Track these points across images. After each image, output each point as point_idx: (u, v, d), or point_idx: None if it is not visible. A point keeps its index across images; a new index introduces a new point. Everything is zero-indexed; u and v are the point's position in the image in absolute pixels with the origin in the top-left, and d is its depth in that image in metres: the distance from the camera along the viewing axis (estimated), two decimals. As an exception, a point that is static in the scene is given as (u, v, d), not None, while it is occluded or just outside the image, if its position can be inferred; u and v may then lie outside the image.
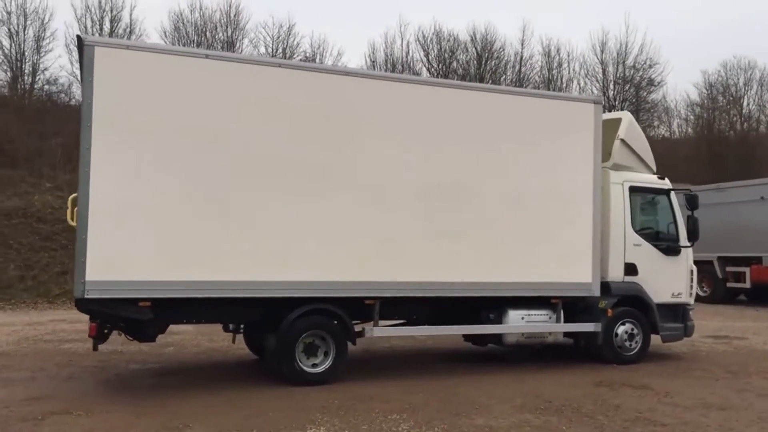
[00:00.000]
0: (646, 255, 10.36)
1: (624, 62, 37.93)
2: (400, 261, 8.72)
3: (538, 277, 9.46)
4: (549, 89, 37.12)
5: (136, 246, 7.58)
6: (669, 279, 10.52)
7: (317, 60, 33.76)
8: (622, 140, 10.34)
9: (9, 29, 30.03)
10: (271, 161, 8.17)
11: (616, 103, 38.43)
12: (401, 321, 9.69)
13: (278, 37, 32.94)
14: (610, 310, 9.98)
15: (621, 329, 10.16)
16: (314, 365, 8.53)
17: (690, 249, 10.80)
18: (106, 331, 8.04)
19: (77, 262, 7.42)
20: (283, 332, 8.32)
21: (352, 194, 8.52)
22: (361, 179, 8.58)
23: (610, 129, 10.46)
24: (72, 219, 7.54)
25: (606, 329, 10.03)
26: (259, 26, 34.17)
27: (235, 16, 32.01)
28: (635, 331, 10.23)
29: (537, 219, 9.46)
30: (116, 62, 7.63)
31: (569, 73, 38.14)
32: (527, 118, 9.50)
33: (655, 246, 10.49)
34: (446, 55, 35.10)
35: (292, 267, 8.22)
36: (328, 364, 8.54)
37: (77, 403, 7.45)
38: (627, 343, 10.17)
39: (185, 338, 12.10)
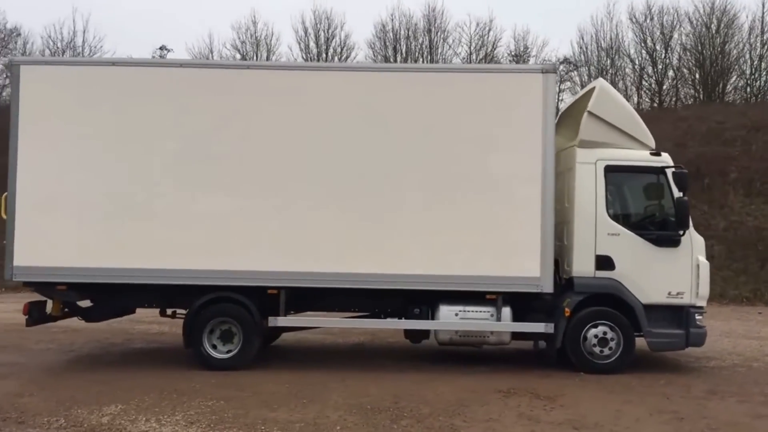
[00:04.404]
0: (626, 246, 8.70)
1: None
2: (306, 251, 8.59)
3: (474, 270, 8.57)
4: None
5: (53, 236, 8.64)
6: (663, 275, 8.68)
7: (523, 55, 32.95)
8: (591, 113, 8.78)
9: (243, 56, 34.33)
10: (174, 157, 8.68)
11: None
12: (364, 314, 9.43)
13: (477, 35, 32.76)
14: (567, 310, 8.60)
15: (591, 332, 8.69)
16: (229, 351, 8.82)
17: (698, 239, 8.83)
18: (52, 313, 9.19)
19: (7, 249, 8.71)
20: (190, 318, 8.79)
21: (254, 184, 8.64)
22: (264, 169, 8.66)
23: (584, 103, 9.06)
24: (4, 213, 8.83)
25: (572, 332, 8.68)
26: (458, 26, 34.15)
27: (434, 19, 32.59)
28: (609, 335, 8.68)
29: (471, 205, 8.58)
30: (38, 77, 8.82)
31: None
32: (460, 96, 8.66)
33: (641, 235, 8.75)
34: (665, 32, 31.70)
35: (195, 256, 8.61)
36: (235, 351, 8.78)
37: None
38: (597, 349, 8.67)
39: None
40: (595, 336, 8.67)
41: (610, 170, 8.80)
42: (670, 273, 8.70)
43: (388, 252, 8.57)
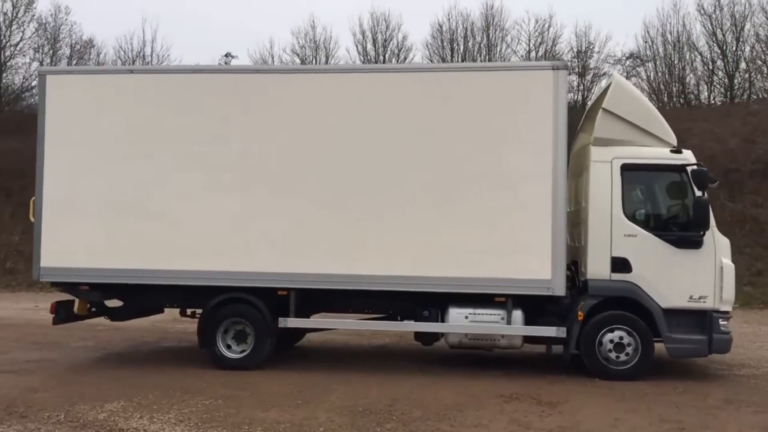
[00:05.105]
0: (644, 247, 8.35)
1: None
2: (313, 253, 8.63)
3: (482, 272, 8.41)
4: None
5: (76, 238, 8.98)
6: (684, 278, 8.28)
7: (587, 51, 32.15)
8: (606, 110, 8.47)
9: (302, 60, 34.82)
10: (187, 161, 8.86)
11: None
12: (380, 315, 9.43)
13: (537, 32, 32.14)
14: (580, 314, 8.34)
15: (606, 337, 8.39)
16: (243, 351, 8.96)
17: (722, 240, 8.39)
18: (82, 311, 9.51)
19: (35, 251, 9.12)
20: (204, 319, 8.97)
21: (263, 186, 8.74)
22: (274, 172, 8.75)
23: (601, 100, 8.77)
24: (32, 216, 9.23)
25: (586, 336, 8.40)
26: (516, 24, 33.47)
27: (492, 18, 32.19)
28: (626, 341, 8.35)
29: (480, 206, 8.41)
30: (64, 86, 9.20)
31: None
32: (470, 95, 8.53)
33: (660, 236, 8.38)
34: (737, 23, 30.26)
35: (208, 258, 8.78)
36: (248, 351, 8.90)
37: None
38: (613, 355, 8.36)
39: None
40: (611, 341, 8.36)
41: (627, 168, 8.47)
42: (691, 276, 8.30)
43: (395, 253, 8.50)
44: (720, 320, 8.28)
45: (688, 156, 8.52)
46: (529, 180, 8.32)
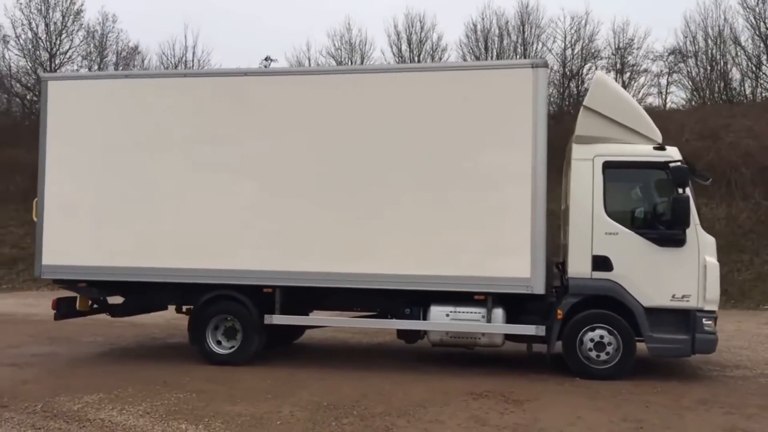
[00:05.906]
0: (625, 246, 8.23)
1: None
2: (297, 251, 8.80)
3: (463, 270, 8.43)
4: None
5: (76, 237, 9.36)
6: (667, 277, 8.15)
7: (627, 48, 31.54)
8: (587, 107, 8.41)
9: (338, 62, 35.10)
10: (184, 162, 9.11)
11: None
12: (370, 313, 9.54)
13: (572, 29, 31.63)
14: (559, 312, 8.28)
15: (587, 336, 8.30)
16: (232, 347, 9.18)
17: (706, 238, 8.21)
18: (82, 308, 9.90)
19: (37, 249, 9.53)
20: (194, 315, 9.24)
21: (250, 186, 8.95)
22: (259, 172, 8.95)
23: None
24: (35, 216, 9.63)
25: (567, 335, 8.34)
26: (551, 22, 32.89)
27: (527, 16, 31.86)
28: (607, 340, 8.24)
29: (461, 205, 8.45)
30: (64, 91, 9.61)
31: None
32: (451, 94, 8.56)
33: (642, 235, 8.25)
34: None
35: (198, 255, 9.02)
36: (236, 347, 9.12)
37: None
38: (594, 354, 8.27)
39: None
40: (592, 340, 8.28)
41: (609, 166, 8.36)
42: (674, 275, 8.16)
43: (377, 252, 8.60)
44: (704, 320, 8.11)
45: (671, 153, 8.36)
46: (509, 179, 8.32)
